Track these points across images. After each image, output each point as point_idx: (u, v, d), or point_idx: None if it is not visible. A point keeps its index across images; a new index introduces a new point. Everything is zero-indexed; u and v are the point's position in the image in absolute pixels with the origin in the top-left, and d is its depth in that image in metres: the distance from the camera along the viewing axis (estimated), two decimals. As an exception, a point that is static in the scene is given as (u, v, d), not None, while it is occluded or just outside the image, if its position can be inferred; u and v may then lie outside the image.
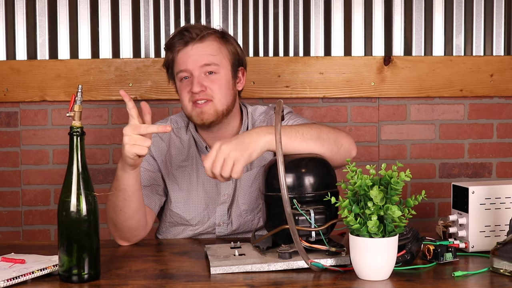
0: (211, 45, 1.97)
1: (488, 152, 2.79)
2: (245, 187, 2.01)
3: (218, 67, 1.96)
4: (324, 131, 1.77)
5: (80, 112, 1.53)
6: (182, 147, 2.04)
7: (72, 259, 1.47)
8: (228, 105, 1.97)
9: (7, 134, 2.70)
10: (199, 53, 1.95)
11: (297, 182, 1.60)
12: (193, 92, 1.94)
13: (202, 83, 1.94)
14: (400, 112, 2.77)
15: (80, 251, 1.47)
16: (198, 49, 1.96)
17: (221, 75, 1.97)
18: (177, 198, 2.01)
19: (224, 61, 1.98)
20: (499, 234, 1.68)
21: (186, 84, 1.97)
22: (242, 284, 1.46)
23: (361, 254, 1.47)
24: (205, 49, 1.96)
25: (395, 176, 1.46)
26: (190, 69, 1.95)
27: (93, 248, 1.49)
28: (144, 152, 1.66)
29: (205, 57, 1.95)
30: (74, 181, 1.50)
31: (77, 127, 1.51)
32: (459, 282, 1.47)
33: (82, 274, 1.48)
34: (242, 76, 2.06)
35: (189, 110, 1.97)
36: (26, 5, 2.66)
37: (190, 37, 1.96)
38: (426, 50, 2.75)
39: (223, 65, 1.98)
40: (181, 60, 1.97)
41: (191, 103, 1.96)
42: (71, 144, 1.52)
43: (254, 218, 2.02)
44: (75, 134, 1.51)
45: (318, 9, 2.71)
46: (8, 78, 2.65)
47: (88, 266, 1.48)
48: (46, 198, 2.71)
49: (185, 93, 1.97)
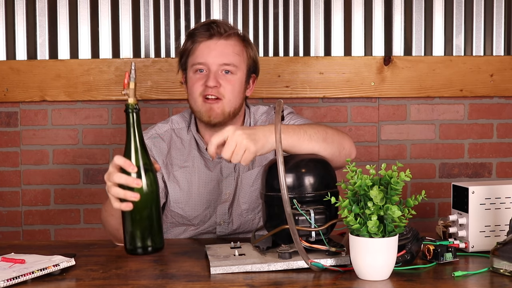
0: (235, 45, 1.97)
1: (488, 152, 2.79)
2: (246, 186, 2.01)
3: (236, 69, 1.96)
4: (329, 133, 1.76)
5: (135, 89, 1.54)
6: (183, 148, 2.04)
7: (136, 232, 1.52)
8: (235, 108, 1.97)
9: (7, 134, 2.70)
10: (222, 50, 1.94)
11: (297, 182, 1.60)
12: (207, 85, 1.92)
13: (218, 80, 1.94)
14: (400, 112, 2.77)
15: (142, 224, 1.52)
16: (222, 46, 1.95)
17: (237, 77, 1.96)
18: (178, 199, 2.01)
19: (242, 64, 1.98)
20: (499, 234, 1.68)
21: (200, 77, 1.95)
22: (242, 284, 1.46)
23: (361, 254, 1.47)
24: (228, 48, 1.95)
25: (395, 176, 1.46)
26: (209, 64, 1.94)
27: (154, 221, 1.53)
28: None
29: (227, 56, 1.94)
30: (133, 157, 1.54)
31: (134, 104, 1.53)
32: (459, 282, 1.47)
33: (146, 247, 1.53)
34: (252, 84, 2.06)
35: (198, 104, 1.96)
36: (26, 5, 2.66)
37: (218, 31, 1.95)
38: (426, 50, 2.75)
39: (241, 67, 1.97)
40: (202, 52, 1.95)
41: (201, 98, 1.95)
42: (128, 121, 1.55)
43: (254, 218, 2.02)
44: (133, 111, 1.53)
45: (318, 9, 2.71)
46: (8, 78, 2.65)
47: (151, 239, 1.53)
48: (46, 198, 2.71)
49: (197, 86, 1.95)
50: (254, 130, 1.64)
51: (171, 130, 2.06)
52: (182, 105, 2.66)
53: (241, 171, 2.02)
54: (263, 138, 1.63)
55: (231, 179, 2.01)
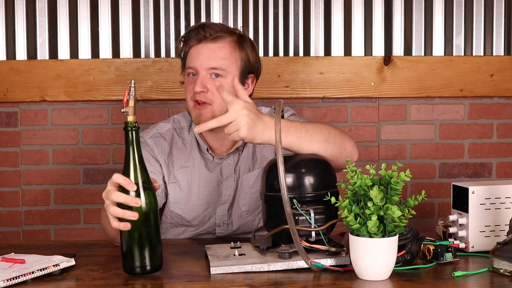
0: (224, 47, 1.95)
1: (488, 152, 2.79)
2: (246, 188, 2.01)
3: (225, 72, 1.94)
4: (332, 134, 1.75)
5: (134, 107, 1.52)
6: (184, 148, 2.03)
7: (134, 251, 1.50)
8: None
9: (7, 134, 2.70)
10: (209, 54, 1.93)
11: (297, 182, 1.60)
12: (194, 91, 1.93)
13: (205, 85, 1.92)
14: (400, 112, 2.77)
15: (141, 243, 1.49)
16: (209, 49, 1.94)
17: (227, 80, 1.94)
18: (177, 199, 2.01)
19: (232, 66, 1.95)
20: (499, 234, 1.68)
21: (191, 81, 1.95)
22: (242, 284, 1.46)
23: (361, 254, 1.47)
24: (216, 51, 1.94)
25: (395, 176, 1.46)
26: (198, 68, 1.93)
27: (153, 241, 1.51)
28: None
29: (213, 60, 1.93)
30: (132, 175, 1.51)
31: (133, 122, 1.51)
32: (459, 282, 1.47)
33: (144, 266, 1.51)
34: (251, 83, 2.03)
35: (190, 108, 1.97)
36: (26, 5, 2.66)
37: (203, 36, 1.94)
38: (426, 50, 2.75)
39: (231, 70, 1.95)
40: (192, 57, 1.95)
41: (192, 102, 1.95)
42: (127, 139, 1.52)
43: (254, 219, 2.02)
44: (133, 129, 1.51)
45: (318, 9, 2.71)
46: (8, 78, 2.65)
47: (150, 259, 1.51)
48: (46, 198, 2.71)
49: (189, 89, 1.96)
50: (257, 119, 1.62)
51: (173, 130, 2.06)
52: (182, 105, 2.66)
53: (242, 172, 2.01)
54: (260, 131, 1.62)
55: (231, 181, 2.01)
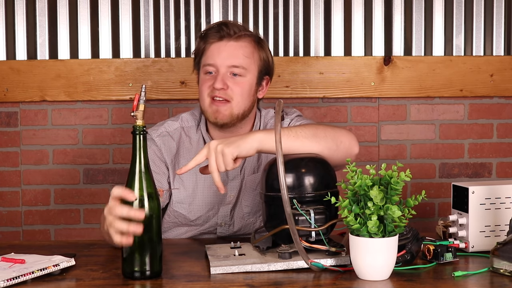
0: (246, 46, 1.95)
1: (488, 152, 2.79)
2: (249, 190, 2.01)
3: (246, 71, 1.94)
4: (320, 129, 1.75)
5: (144, 111, 1.51)
6: (191, 147, 2.03)
7: (135, 256, 1.49)
8: (245, 110, 1.96)
9: (7, 134, 2.70)
10: (232, 52, 1.93)
11: (297, 182, 1.60)
12: (214, 87, 1.92)
13: (226, 82, 1.93)
14: (400, 112, 2.77)
15: (142, 249, 1.49)
16: (232, 47, 1.94)
17: (246, 79, 1.95)
18: (182, 199, 2.00)
19: (253, 66, 1.96)
20: (499, 234, 1.68)
21: (210, 78, 1.95)
22: (242, 284, 1.46)
23: (361, 254, 1.47)
24: (238, 50, 1.94)
25: (395, 176, 1.46)
26: (218, 65, 1.93)
27: (155, 246, 1.50)
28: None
29: (236, 58, 1.93)
30: (137, 181, 1.50)
31: (142, 127, 1.50)
32: (459, 282, 1.47)
33: (144, 272, 1.50)
34: (265, 85, 2.04)
35: (206, 105, 1.95)
36: (26, 5, 2.66)
37: (227, 33, 1.94)
38: (426, 50, 2.75)
39: (251, 70, 1.96)
40: (212, 54, 1.95)
41: (209, 98, 1.94)
42: (134, 143, 1.51)
43: (256, 221, 2.02)
44: (141, 133, 1.50)
45: (318, 9, 2.71)
46: (8, 78, 2.65)
47: (150, 264, 1.50)
48: (46, 198, 2.71)
49: (205, 87, 1.95)
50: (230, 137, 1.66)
51: (180, 128, 2.05)
52: (182, 105, 2.66)
53: (246, 173, 2.01)
54: (238, 139, 1.64)
55: (236, 181, 2.01)
